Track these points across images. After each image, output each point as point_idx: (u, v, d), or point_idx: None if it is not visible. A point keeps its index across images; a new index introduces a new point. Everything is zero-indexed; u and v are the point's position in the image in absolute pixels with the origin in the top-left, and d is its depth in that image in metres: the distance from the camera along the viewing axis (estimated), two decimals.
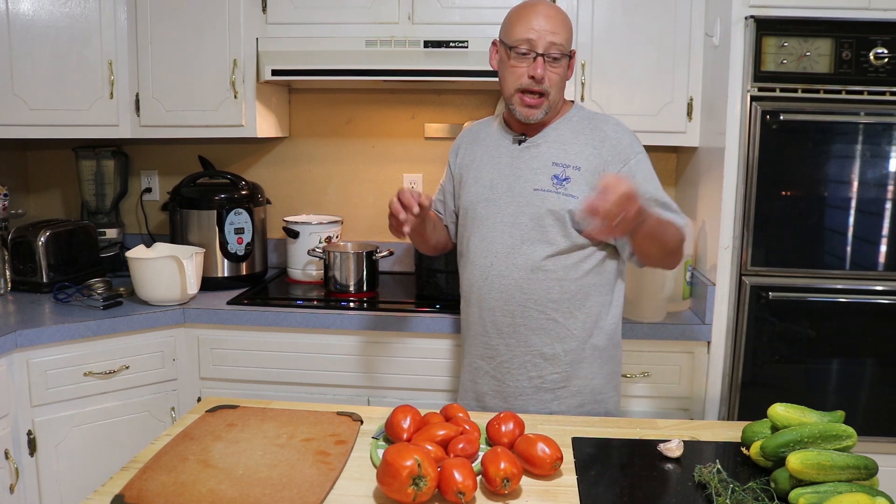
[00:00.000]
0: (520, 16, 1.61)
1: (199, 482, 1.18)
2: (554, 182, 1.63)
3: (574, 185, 1.62)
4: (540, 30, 1.58)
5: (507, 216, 1.66)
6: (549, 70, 1.59)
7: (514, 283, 1.65)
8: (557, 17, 1.60)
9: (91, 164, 2.76)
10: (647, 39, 2.28)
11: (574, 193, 1.62)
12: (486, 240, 1.68)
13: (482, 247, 1.69)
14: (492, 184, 1.69)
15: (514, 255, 1.65)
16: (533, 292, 1.65)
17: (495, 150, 1.72)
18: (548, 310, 1.65)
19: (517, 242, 1.65)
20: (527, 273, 1.64)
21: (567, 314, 1.66)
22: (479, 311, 1.71)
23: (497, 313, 1.68)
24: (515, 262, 1.65)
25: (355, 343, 2.20)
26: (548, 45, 1.58)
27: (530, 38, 1.58)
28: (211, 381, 2.26)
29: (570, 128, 1.68)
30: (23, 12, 2.25)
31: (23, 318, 2.08)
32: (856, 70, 1.97)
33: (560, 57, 1.60)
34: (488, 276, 1.67)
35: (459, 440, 1.27)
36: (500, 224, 1.67)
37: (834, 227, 2.03)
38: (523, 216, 1.64)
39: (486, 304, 1.69)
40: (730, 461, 1.32)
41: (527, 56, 1.59)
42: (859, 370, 2.07)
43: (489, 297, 1.68)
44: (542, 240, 1.63)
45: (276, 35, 2.38)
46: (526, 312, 1.66)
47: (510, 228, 1.65)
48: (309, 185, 2.85)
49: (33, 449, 2.00)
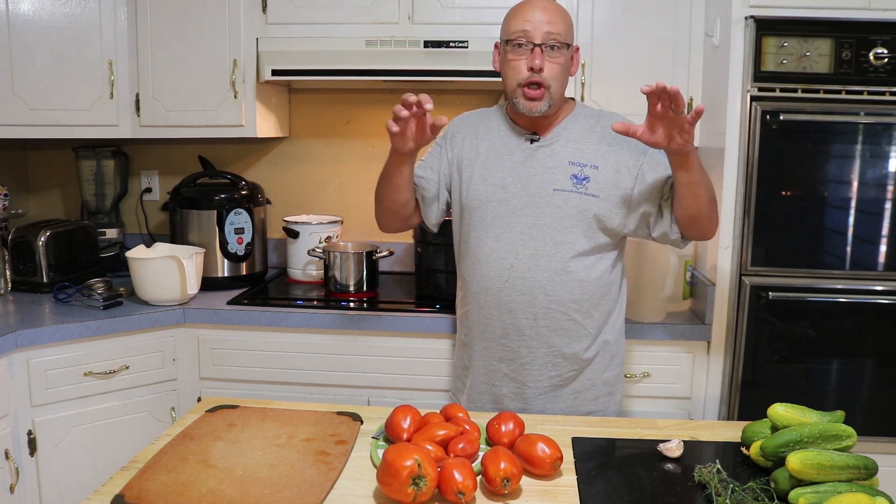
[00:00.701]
0: (516, 11, 1.62)
1: (199, 482, 1.18)
2: (574, 182, 1.62)
3: (594, 184, 1.62)
4: (535, 20, 1.57)
5: (526, 217, 1.64)
6: (549, 61, 1.58)
7: (538, 286, 1.63)
8: (553, 9, 1.60)
9: (91, 164, 2.76)
10: (647, 39, 2.28)
11: (595, 193, 1.61)
12: (503, 241, 1.65)
13: (498, 248, 1.66)
14: (503, 183, 1.66)
15: (538, 257, 1.63)
16: (557, 294, 1.64)
17: (504, 147, 1.69)
18: (569, 310, 1.65)
19: (540, 245, 1.63)
20: (551, 275, 1.63)
21: (585, 314, 1.67)
22: (497, 314, 1.68)
23: (519, 315, 1.66)
24: (539, 265, 1.63)
25: (355, 343, 2.20)
26: (544, 35, 1.57)
27: (526, 30, 1.57)
28: (211, 381, 2.26)
29: (581, 126, 1.68)
30: (23, 12, 2.25)
31: (23, 318, 2.08)
32: (856, 70, 1.97)
33: (558, 46, 1.58)
34: (509, 278, 1.65)
35: (459, 440, 1.27)
36: (517, 225, 1.64)
37: (834, 227, 2.03)
38: (545, 217, 1.63)
39: (506, 307, 1.66)
40: (730, 461, 1.32)
41: (524, 48, 1.58)
42: (859, 370, 2.07)
43: (510, 299, 1.65)
44: (565, 241, 1.62)
45: (276, 35, 2.38)
46: (549, 314, 1.65)
47: (531, 230, 1.63)
48: (309, 185, 2.85)
49: (33, 449, 2.00)
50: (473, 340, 1.76)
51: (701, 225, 1.62)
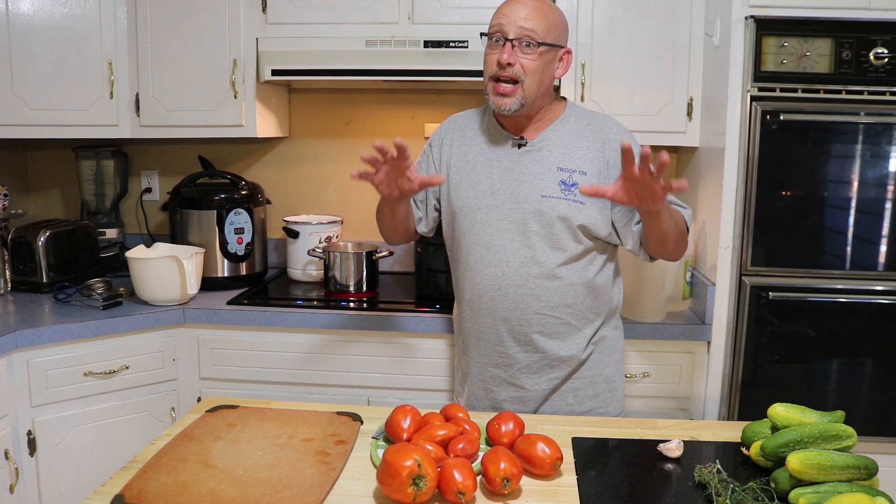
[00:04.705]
0: (499, 5, 1.59)
1: (199, 482, 1.18)
2: (562, 188, 1.60)
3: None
4: (510, 15, 1.54)
5: (514, 224, 1.62)
6: (522, 57, 1.54)
7: (530, 293, 1.63)
8: (535, 7, 1.55)
9: (91, 164, 2.76)
10: (647, 39, 2.28)
11: (583, 199, 1.60)
12: (493, 248, 1.64)
13: (489, 255, 1.65)
14: (492, 189, 1.64)
15: (528, 264, 1.62)
16: (549, 300, 1.63)
17: (492, 152, 1.67)
18: (563, 315, 1.65)
19: (529, 252, 1.62)
20: (542, 282, 1.62)
21: (580, 316, 1.67)
22: (491, 321, 1.68)
23: (513, 322, 1.65)
24: (529, 272, 1.62)
25: (355, 343, 2.20)
26: (518, 30, 1.53)
27: (501, 23, 1.55)
28: (211, 381, 2.26)
29: (570, 129, 1.65)
30: (23, 12, 2.25)
31: (23, 318, 2.08)
32: (856, 70, 1.97)
33: (532, 44, 1.53)
34: (501, 286, 1.64)
35: (459, 440, 1.27)
36: (507, 232, 1.63)
37: (834, 227, 2.03)
38: (533, 224, 1.61)
39: (499, 315, 1.66)
40: (730, 461, 1.32)
41: (499, 42, 1.56)
42: (859, 370, 2.07)
43: (502, 306, 1.65)
44: (554, 247, 1.61)
45: (276, 35, 2.37)
46: (542, 320, 1.64)
47: (520, 237, 1.62)
48: (309, 185, 2.85)
49: (33, 449, 2.00)
50: (469, 348, 1.75)
51: (667, 257, 1.67)
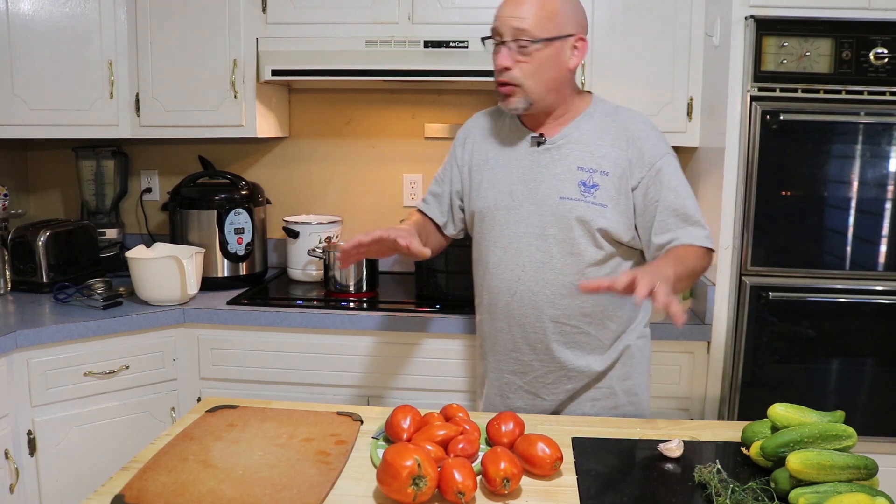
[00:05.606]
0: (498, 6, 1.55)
1: (199, 482, 1.18)
2: (581, 189, 1.52)
3: (603, 191, 1.52)
4: (503, 16, 1.49)
5: (532, 227, 1.56)
6: (519, 59, 1.49)
7: (546, 300, 1.56)
8: (527, 1, 1.48)
9: (91, 164, 2.76)
10: (647, 39, 2.28)
11: (604, 202, 1.52)
12: (510, 251, 1.58)
13: (506, 259, 1.59)
14: (511, 190, 1.58)
15: (545, 269, 1.55)
16: (566, 308, 1.56)
17: (511, 150, 1.61)
18: (581, 324, 1.58)
19: (546, 257, 1.55)
20: (559, 288, 1.55)
21: (599, 325, 1.59)
22: (507, 327, 1.62)
23: (528, 329, 1.60)
24: (546, 278, 1.55)
25: (355, 343, 2.20)
26: (512, 31, 1.48)
27: (496, 27, 1.51)
28: (211, 381, 2.26)
29: (593, 126, 1.57)
30: (23, 12, 2.25)
31: (23, 318, 2.08)
32: (856, 70, 1.97)
33: (524, 45, 1.47)
34: (517, 292, 1.58)
35: (459, 440, 1.27)
36: (524, 235, 1.57)
37: (834, 227, 2.03)
38: (551, 227, 1.54)
39: (515, 320, 1.60)
40: (730, 461, 1.32)
41: (497, 45, 1.52)
42: (859, 370, 2.07)
43: (518, 312, 1.59)
44: (572, 252, 1.54)
45: (276, 35, 2.37)
46: (559, 328, 1.58)
47: (537, 241, 1.55)
48: (309, 185, 2.85)
49: (33, 449, 2.00)
50: (486, 352, 1.71)
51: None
